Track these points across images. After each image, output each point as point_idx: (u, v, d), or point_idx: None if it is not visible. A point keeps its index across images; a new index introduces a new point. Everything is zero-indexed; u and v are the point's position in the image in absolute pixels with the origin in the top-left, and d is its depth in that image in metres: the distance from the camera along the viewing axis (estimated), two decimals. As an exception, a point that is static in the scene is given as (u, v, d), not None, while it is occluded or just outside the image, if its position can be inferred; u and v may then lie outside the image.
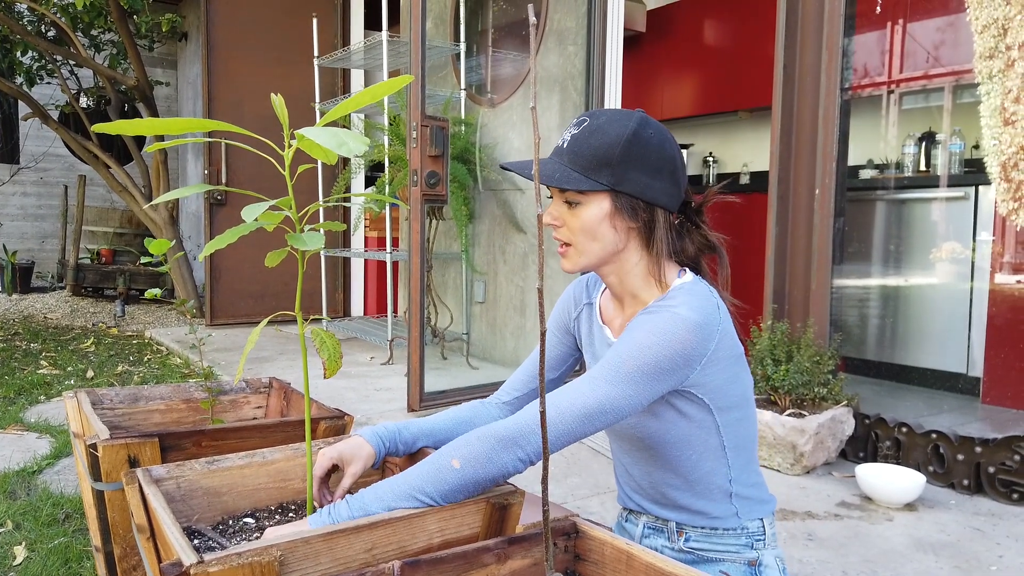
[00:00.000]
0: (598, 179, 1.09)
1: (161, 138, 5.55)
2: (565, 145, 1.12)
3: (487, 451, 1.01)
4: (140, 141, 6.97)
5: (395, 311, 4.53)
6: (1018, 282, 2.82)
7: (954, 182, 3.38)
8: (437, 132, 3.17)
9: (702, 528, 1.20)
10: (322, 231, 1.00)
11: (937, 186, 3.43)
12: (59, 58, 6.79)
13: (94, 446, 1.23)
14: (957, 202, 3.31)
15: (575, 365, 1.37)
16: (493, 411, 1.32)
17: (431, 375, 3.59)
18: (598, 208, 1.11)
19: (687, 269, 1.18)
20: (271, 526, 1.11)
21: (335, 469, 1.17)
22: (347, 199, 5.14)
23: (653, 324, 1.06)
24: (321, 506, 1.12)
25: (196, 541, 1.06)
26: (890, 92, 3.91)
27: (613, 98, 3.74)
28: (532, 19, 0.69)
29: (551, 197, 1.16)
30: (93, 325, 5.77)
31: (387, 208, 4.36)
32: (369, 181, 5.92)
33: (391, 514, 0.96)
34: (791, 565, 1.90)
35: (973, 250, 3.22)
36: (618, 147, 1.08)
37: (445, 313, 4.56)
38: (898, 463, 2.55)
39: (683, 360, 1.05)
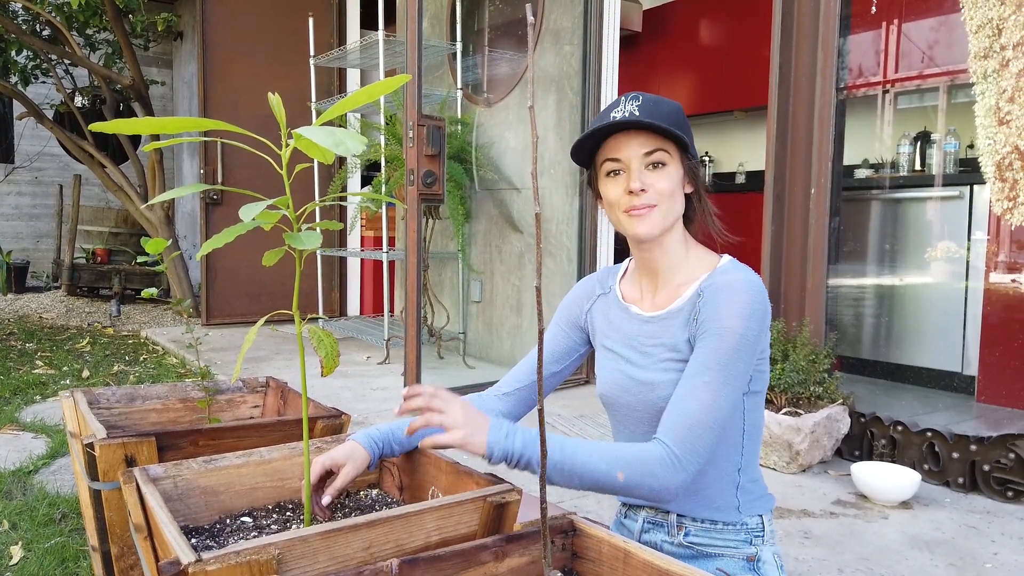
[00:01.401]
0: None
1: (157, 137, 5.53)
2: (638, 112, 1.13)
3: (649, 471, 1.06)
4: (135, 140, 6.95)
5: (392, 311, 4.53)
6: (1013, 281, 2.83)
7: (949, 181, 3.39)
8: (433, 131, 3.17)
9: (702, 522, 1.21)
10: (319, 230, 1.00)
11: (932, 185, 3.44)
12: (54, 57, 6.76)
13: (91, 445, 1.23)
14: (952, 201, 3.32)
15: (580, 360, 1.38)
16: (492, 403, 1.33)
17: (427, 374, 3.59)
18: (677, 169, 1.17)
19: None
20: (270, 528, 1.11)
21: (329, 475, 1.16)
22: (343, 198, 5.14)
23: (732, 304, 1.11)
24: (314, 516, 1.12)
25: (194, 540, 1.06)
26: (885, 92, 3.92)
27: (610, 98, 3.74)
28: (530, 18, 0.69)
29: (613, 173, 1.18)
30: (89, 325, 5.76)
31: (384, 207, 4.36)
32: (366, 181, 5.91)
33: (389, 512, 0.96)
34: (787, 563, 1.90)
35: (968, 249, 3.23)
36: (681, 114, 1.17)
37: (442, 312, 4.56)
38: (893, 461, 2.56)
39: (761, 325, 1.13)
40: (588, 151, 1.20)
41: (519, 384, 1.34)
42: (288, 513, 1.17)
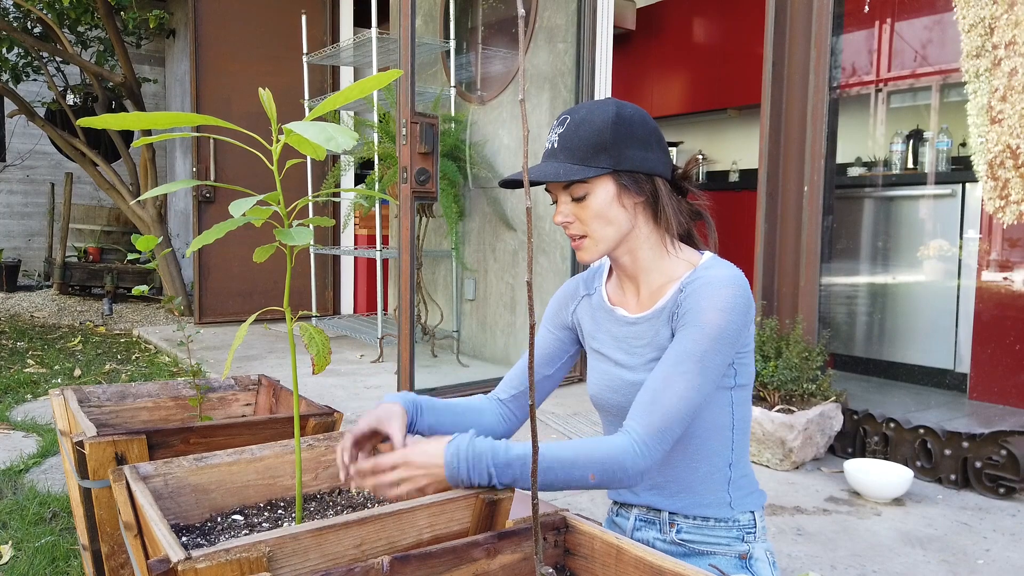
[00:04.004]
0: (599, 164, 1.13)
1: (149, 134, 5.51)
2: (556, 145, 1.16)
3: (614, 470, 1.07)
4: (128, 138, 6.93)
5: (385, 309, 4.52)
6: (1004, 279, 2.84)
7: (941, 180, 3.40)
8: (427, 129, 3.17)
9: (694, 519, 1.21)
10: (311, 227, 0.99)
11: (924, 184, 3.45)
12: (45, 55, 6.73)
13: (81, 443, 1.22)
14: (944, 200, 3.33)
15: (571, 362, 1.37)
16: (495, 408, 1.33)
17: (421, 373, 3.59)
18: (604, 193, 1.15)
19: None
20: (263, 527, 1.10)
21: (371, 437, 1.18)
22: (336, 195, 5.13)
23: (714, 297, 1.11)
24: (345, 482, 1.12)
25: (184, 538, 1.05)
26: (878, 90, 3.93)
27: (603, 96, 3.74)
28: (520, 11, 0.69)
29: (555, 203, 1.20)
30: (80, 324, 5.73)
31: (377, 205, 4.34)
32: (359, 179, 5.90)
33: (380, 509, 0.96)
34: (780, 560, 1.91)
35: (960, 247, 3.25)
36: (607, 130, 1.13)
37: (435, 311, 4.55)
38: (886, 458, 2.57)
39: (744, 319, 1.12)
40: None
41: (514, 391, 1.34)
42: (280, 511, 1.17)
